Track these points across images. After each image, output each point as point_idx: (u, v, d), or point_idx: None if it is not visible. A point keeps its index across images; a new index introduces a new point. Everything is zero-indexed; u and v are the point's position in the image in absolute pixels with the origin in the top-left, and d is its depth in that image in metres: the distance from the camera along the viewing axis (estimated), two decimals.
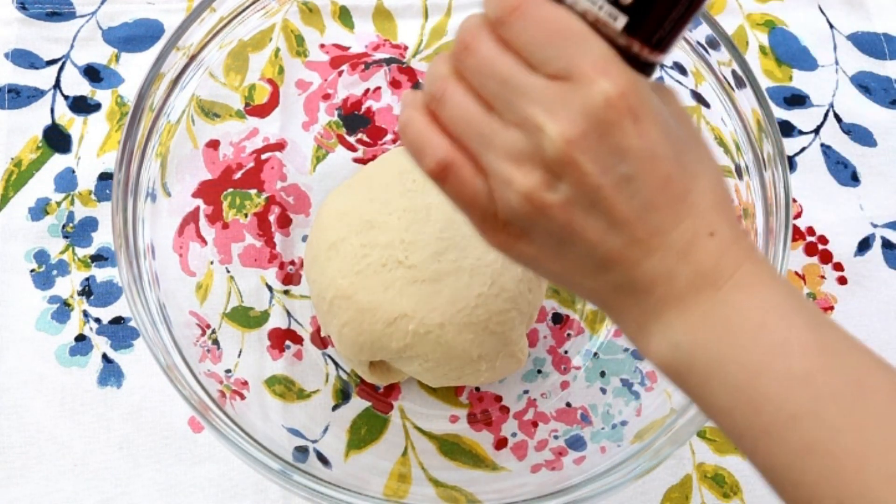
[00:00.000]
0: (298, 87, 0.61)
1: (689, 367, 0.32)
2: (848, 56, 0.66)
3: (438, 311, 0.49)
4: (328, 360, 0.56)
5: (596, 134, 0.31)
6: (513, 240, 0.34)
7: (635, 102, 0.31)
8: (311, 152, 0.60)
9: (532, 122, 0.31)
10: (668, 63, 0.55)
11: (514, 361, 0.52)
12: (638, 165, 0.31)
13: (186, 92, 0.53)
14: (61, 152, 0.61)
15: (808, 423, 0.30)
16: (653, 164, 0.31)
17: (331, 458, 0.51)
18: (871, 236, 0.61)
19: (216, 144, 0.57)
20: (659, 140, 0.31)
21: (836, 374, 0.31)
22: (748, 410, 0.31)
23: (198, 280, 0.54)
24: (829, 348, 0.31)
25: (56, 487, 0.53)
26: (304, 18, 0.61)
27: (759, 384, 0.31)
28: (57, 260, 0.58)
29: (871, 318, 0.59)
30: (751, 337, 0.31)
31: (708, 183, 0.33)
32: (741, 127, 0.51)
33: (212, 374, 0.50)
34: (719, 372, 0.32)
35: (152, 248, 0.50)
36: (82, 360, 0.56)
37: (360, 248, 0.50)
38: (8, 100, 0.61)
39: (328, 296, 0.50)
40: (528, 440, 0.54)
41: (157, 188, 0.52)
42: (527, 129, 0.31)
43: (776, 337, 0.31)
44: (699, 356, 0.32)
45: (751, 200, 0.51)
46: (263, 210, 0.58)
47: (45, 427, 0.54)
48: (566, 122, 0.30)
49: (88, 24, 0.64)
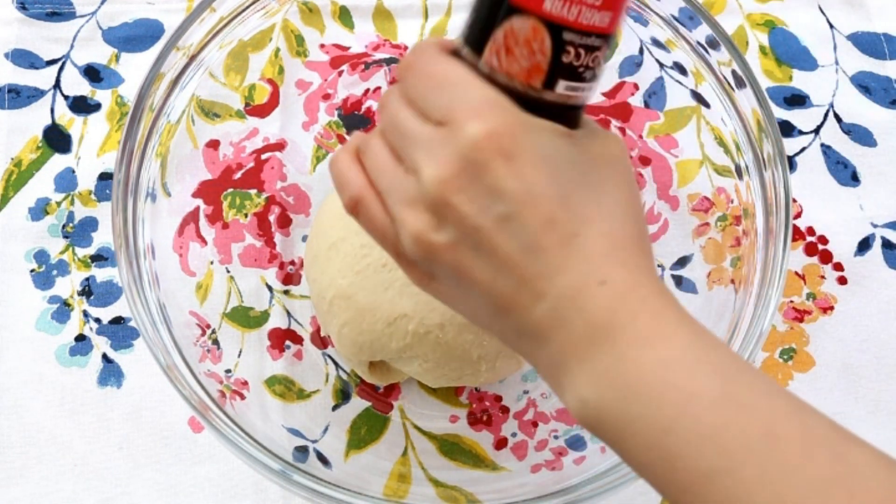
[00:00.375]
0: (298, 87, 0.60)
1: (600, 424, 0.32)
2: (848, 56, 0.66)
3: (438, 312, 0.49)
4: (328, 360, 0.56)
5: (467, 174, 0.31)
6: (425, 278, 0.35)
7: (508, 142, 0.31)
8: (311, 152, 0.60)
9: (416, 167, 0.33)
10: (669, 63, 0.55)
11: (514, 362, 0.52)
12: (515, 205, 0.31)
13: (186, 92, 0.53)
14: (61, 152, 0.61)
15: (724, 480, 0.29)
16: (532, 204, 0.31)
17: (331, 458, 0.51)
18: (871, 236, 0.61)
19: (216, 144, 0.57)
20: (538, 180, 0.31)
21: (746, 426, 0.30)
22: (665, 467, 0.31)
23: (198, 280, 0.54)
24: (736, 398, 0.30)
25: (56, 487, 0.53)
26: (304, 18, 0.61)
27: (670, 443, 0.30)
28: (57, 260, 0.58)
29: (870, 318, 0.59)
30: (656, 396, 0.31)
31: (603, 227, 0.32)
32: (741, 127, 0.51)
33: (212, 374, 0.50)
34: (629, 430, 0.31)
35: (152, 248, 0.50)
36: (82, 360, 0.56)
37: (360, 248, 0.50)
38: (8, 100, 0.61)
39: (328, 295, 0.50)
40: (528, 440, 0.54)
41: (157, 188, 0.52)
42: (414, 173, 0.33)
43: (681, 394, 0.30)
44: (607, 415, 0.32)
45: (751, 200, 0.51)
46: (263, 210, 0.58)
47: (45, 427, 0.54)
48: (440, 163, 0.32)
49: (88, 24, 0.64)
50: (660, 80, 0.57)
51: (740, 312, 0.49)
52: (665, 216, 0.58)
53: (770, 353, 0.58)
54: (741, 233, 0.52)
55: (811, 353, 0.58)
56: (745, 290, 0.49)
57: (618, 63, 0.59)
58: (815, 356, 0.58)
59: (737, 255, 0.52)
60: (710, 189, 0.56)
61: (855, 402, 0.56)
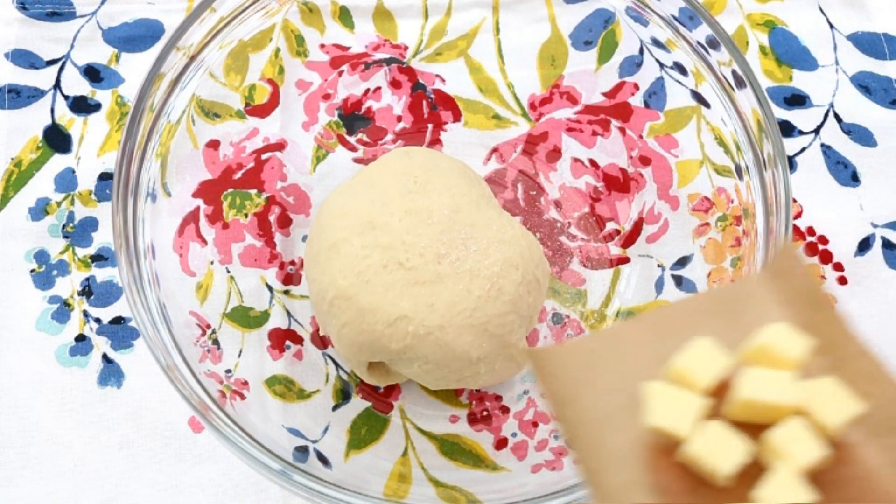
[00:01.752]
0: (298, 87, 0.61)
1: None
2: (848, 56, 0.66)
3: (438, 313, 0.49)
4: (328, 360, 0.56)
5: None
6: None
7: None
8: (311, 152, 0.60)
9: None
10: (669, 63, 0.56)
11: (513, 365, 0.52)
12: None
13: (186, 92, 0.53)
14: (61, 152, 0.61)
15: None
16: None
17: (331, 458, 0.51)
18: (872, 236, 0.61)
19: (216, 144, 0.57)
20: None
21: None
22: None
23: (198, 280, 0.54)
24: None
25: (56, 487, 0.53)
26: (304, 18, 0.61)
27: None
28: (57, 260, 0.58)
29: (871, 318, 0.59)
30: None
31: None
32: (741, 127, 0.51)
33: (212, 374, 0.50)
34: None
35: (152, 248, 0.50)
36: (82, 360, 0.56)
37: (361, 248, 0.50)
38: (8, 100, 0.61)
39: (328, 296, 0.50)
40: (528, 440, 0.54)
41: (157, 188, 0.52)
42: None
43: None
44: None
45: (751, 200, 0.51)
46: (263, 210, 0.58)
47: (45, 427, 0.54)
48: None
49: (88, 24, 0.64)
50: (660, 80, 0.57)
51: None
52: (665, 216, 0.58)
53: None
54: (741, 233, 0.52)
55: None
56: None
57: (618, 63, 0.59)
58: None
59: (737, 255, 0.52)
60: (710, 189, 0.56)
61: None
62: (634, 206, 0.59)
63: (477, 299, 0.49)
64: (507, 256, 0.50)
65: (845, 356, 0.36)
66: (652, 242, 0.58)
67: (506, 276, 0.49)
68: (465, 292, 0.48)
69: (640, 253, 0.58)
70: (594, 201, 0.60)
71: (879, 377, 0.35)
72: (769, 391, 0.32)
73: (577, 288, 0.58)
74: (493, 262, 0.49)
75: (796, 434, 0.32)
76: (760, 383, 0.33)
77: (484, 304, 0.49)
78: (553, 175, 0.60)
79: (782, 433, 0.32)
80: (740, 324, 0.37)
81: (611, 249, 0.59)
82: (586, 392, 0.36)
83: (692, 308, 0.39)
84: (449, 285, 0.48)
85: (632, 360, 0.38)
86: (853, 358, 0.36)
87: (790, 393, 0.32)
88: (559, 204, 0.60)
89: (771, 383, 0.33)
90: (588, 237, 0.59)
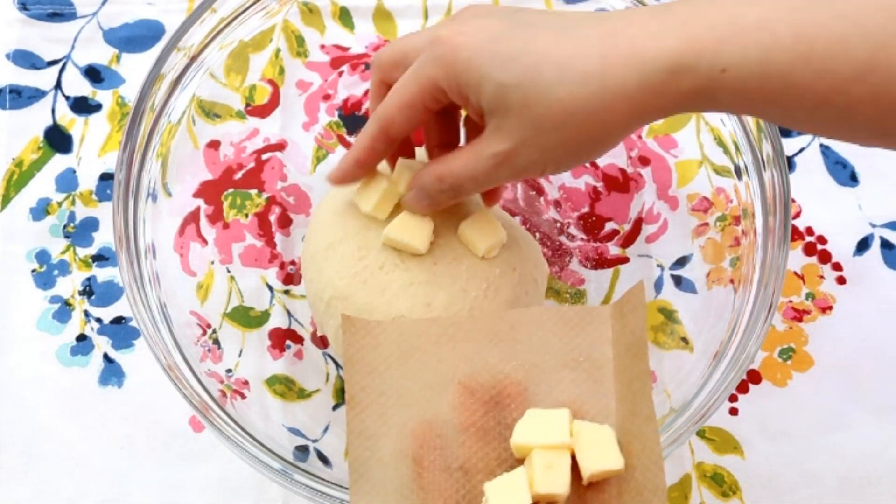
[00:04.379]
0: (299, 87, 0.61)
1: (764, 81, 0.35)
2: None
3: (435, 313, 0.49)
4: (328, 360, 0.56)
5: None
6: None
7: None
8: (311, 152, 0.60)
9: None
10: None
11: None
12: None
13: (187, 92, 0.53)
14: (62, 152, 0.61)
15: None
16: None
17: (331, 457, 0.51)
18: (870, 236, 0.61)
19: (217, 145, 0.57)
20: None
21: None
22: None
23: (198, 280, 0.54)
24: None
25: (56, 487, 0.53)
26: (304, 19, 0.61)
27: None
28: (58, 260, 0.58)
29: (869, 317, 0.59)
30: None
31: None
32: (740, 127, 0.51)
33: (212, 374, 0.50)
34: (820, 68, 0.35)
35: (153, 248, 0.50)
36: (83, 359, 0.56)
37: (357, 250, 0.50)
38: (9, 100, 0.61)
39: (325, 296, 0.50)
40: None
41: (157, 188, 0.52)
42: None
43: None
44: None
45: (750, 200, 0.51)
46: (264, 210, 0.58)
47: (45, 427, 0.54)
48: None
49: (89, 24, 0.64)
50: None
51: (739, 312, 0.49)
52: (664, 216, 0.58)
53: (769, 353, 0.58)
54: (740, 233, 0.52)
55: (810, 352, 0.58)
56: (744, 290, 0.50)
57: None
58: (814, 356, 0.58)
59: (736, 254, 0.52)
60: (709, 189, 0.56)
61: (854, 402, 0.56)
62: (634, 206, 0.59)
63: (473, 299, 0.49)
64: (505, 257, 0.50)
65: (635, 411, 0.39)
66: (651, 242, 0.58)
67: (503, 277, 0.50)
68: (461, 292, 0.48)
69: (639, 253, 0.58)
70: (593, 201, 0.60)
71: (651, 444, 0.38)
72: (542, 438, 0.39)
73: (576, 288, 0.58)
74: (490, 262, 0.49)
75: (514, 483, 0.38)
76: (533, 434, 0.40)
77: (480, 304, 0.49)
78: (553, 175, 0.61)
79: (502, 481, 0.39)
80: (574, 343, 0.43)
81: (610, 249, 0.59)
82: (390, 369, 0.43)
83: (533, 318, 0.44)
84: (445, 286, 0.48)
85: (447, 355, 0.43)
86: (641, 418, 0.39)
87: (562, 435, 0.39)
88: (559, 204, 0.60)
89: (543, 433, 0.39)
90: (587, 237, 0.59)
